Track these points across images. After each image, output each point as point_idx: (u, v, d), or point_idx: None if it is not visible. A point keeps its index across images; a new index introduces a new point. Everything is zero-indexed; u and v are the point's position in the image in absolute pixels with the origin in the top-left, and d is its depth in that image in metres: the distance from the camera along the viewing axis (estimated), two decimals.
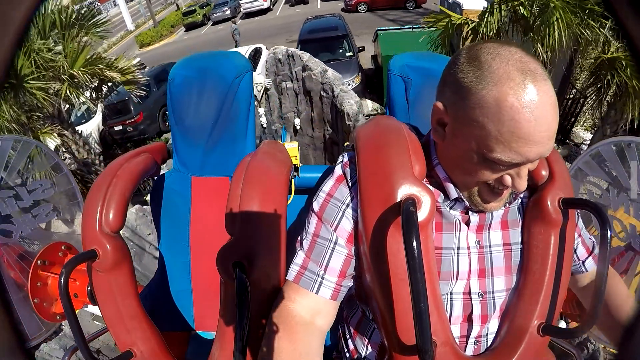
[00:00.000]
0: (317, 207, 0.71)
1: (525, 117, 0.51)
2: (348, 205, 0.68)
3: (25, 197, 1.44)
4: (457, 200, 0.66)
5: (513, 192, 0.65)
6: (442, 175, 0.67)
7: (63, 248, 1.38)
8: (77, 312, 0.90)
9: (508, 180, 0.58)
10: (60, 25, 4.26)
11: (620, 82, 3.87)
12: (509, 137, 0.52)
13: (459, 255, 0.68)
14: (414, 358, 0.57)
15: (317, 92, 5.84)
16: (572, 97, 5.86)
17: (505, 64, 0.52)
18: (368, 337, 0.77)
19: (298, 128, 6.35)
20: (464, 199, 0.65)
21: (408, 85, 1.11)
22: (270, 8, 20.68)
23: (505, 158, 0.54)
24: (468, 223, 0.68)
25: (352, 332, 0.81)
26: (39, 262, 1.29)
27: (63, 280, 0.75)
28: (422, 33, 5.86)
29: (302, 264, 0.69)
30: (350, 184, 0.69)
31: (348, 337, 0.83)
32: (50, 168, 1.56)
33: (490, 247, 0.69)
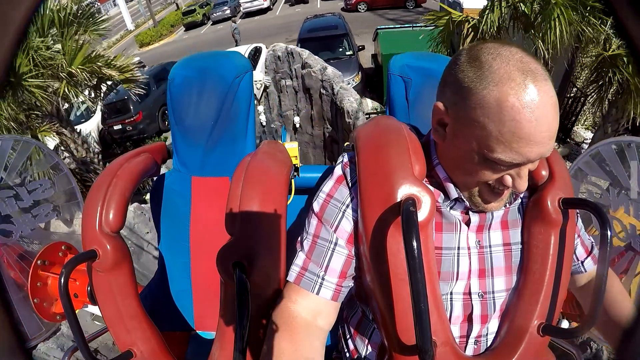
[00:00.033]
0: (317, 207, 0.71)
1: (526, 117, 0.51)
2: (348, 206, 0.68)
3: (25, 197, 1.44)
4: (457, 201, 0.66)
5: (513, 192, 0.65)
6: (442, 175, 0.67)
7: (63, 248, 1.38)
8: (77, 312, 0.90)
9: (508, 181, 0.58)
10: (59, 23, 4.23)
11: (622, 79, 3.83)
12: (510, 137, 0.52)
13: (459, 256, 0.68)
14: (414, 358, 0.57)
15: (316, 89, 5.77)
16: (572, 95, 5.84)
17: (506, 64, 0.52)
18: (368, 337, 0.77)
19: (297, 126, 6.31)
20: (464, 199, 0.65)
21: (408, 85, 1.11)
22: (270, 7, 20.67)
23: (506, 158, 0.54)
24: (468, 223, 0.68)
25: (352, 332, 0.81)
26: (39, 262, 1.29)
27: (63, 280, 0.75)
28: (422, 31, 5.83)
29: (302, 265, 0.69)
30: (350, 184, 0.69)
31: (348, 337, 0.83)
32: (50, 168, 1.56)
33: (491, 247, 0.69)
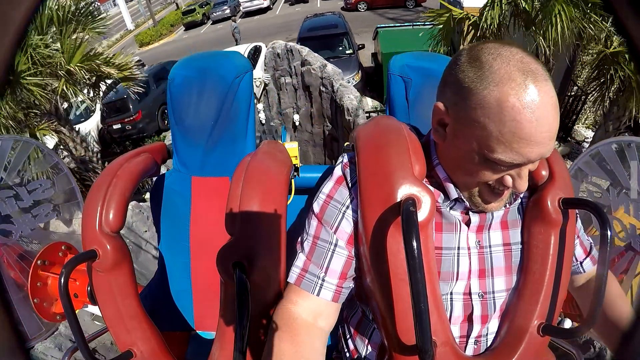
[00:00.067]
0: (317, 208, 0.71)
1: (527, 117, 0.50)
2: (348, 207, 0.68)
3: (25, 197, 1.44)
4: (457, 201, 0.66)
5: (513, 192, 0.65)
6: (442, 176, 0.66)
7: (63, 248, 1.38)
8: (77, 312, 0.90)
9: (509, 181, 0.58)
10: (58, 22, 4.20)
11: (624, 76, 3.79)
12: (510, 137, 0.52)
13: (459, 256, 0.68)
14: (414, 358, 0.57)
15: (316, 87, 5.73)
16: (573, 94, 5.82)
17: (507, 65, 0.52)
18: (368, 337, 0.77)
19: (297, 124, 6.28)
20: (464, 200, 0.65)
21: (408, 85, 1.11)
22: (270, 7, 20.66)
23: (506, 159, 0.54)
24: (468, 223, 0.68)
25: (352, 332, 0.82)
26: (39, 262, 1.29)
27: (63, 280, 0.75)
28: (422, 30, 5.79)
29: (302, 267, 0.69)
30: (350, 185, 0.69)
31: (348, 337, 0.83)
32: (50, 168, 1.56)
33: (490, 247, 0.69)
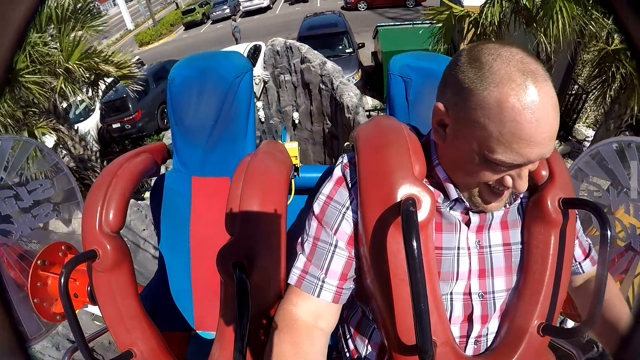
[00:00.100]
0: (317, 209, 0.71)
1: (527, 118, 0.50)
2: (348, 208, 0.68)
3: (25, 197, 1.44)
4: (457, 201, 0.66)
5: (513, 192, 0.65)
6: (442, 176, 0.66)
7: (63, 248, 1.38)
8: (77, 312, 0.90)
9: (509, 181, 0.58)
10: (57, 20, 4.19)
11: (626, 73, 3.76)
12: (510, 138, 0.52)
13: (459, 256, 0.68)
14: (414, 358, 0.57)
15: (316, 84, 5.70)
16: (574, 93, 5.81)
17: (507, 65, 0.52)
18: (368, 337, 0.77)
19: (297, 122, 6.24)
20: (464, 200, 0.65)
21: (408, 85, 1.11)
22: (270, 6, 20.65)
23: (507, 159, 0.54)
24: (468, 223, 0.68)
25: (352, 332, 0.82)
26: (39, 262, 1.29)
27: (63, 280, 0.75)
28: (422, 28, 5.77)
29: (303, 268, 0.69)
30: (350, 185, 0.69)
31: (348, 337, 0.83)
32: (50, 168, 1.55)
33: (490, 247, 0.69)
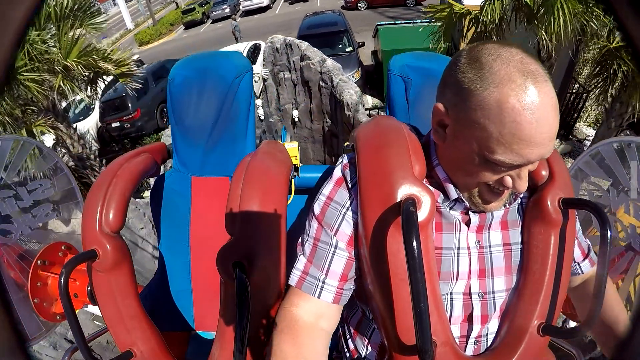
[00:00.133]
0: (317, 210, 0.71)
1: (527, 118, 0.50)
2: (348, 209, 0.68)
3: (25, 197, 1.44)
4: (457, 201, 0.66)
5: (513, 192, 0.65)
6: (442, 176, 0.66)
7: (63, 248, 1.38)
8: (77, 312, 0.90)
9: (509, 182, 0.58)
10: (55, 17, 4.17)
11: (627, 71, 3.75)
12: (510, 138, 0.52)
13: (459, 256, 0.68)
14: (414, 358, 0.57)
15: (315, 82, 5.66)
16: (574, 91, 5.80)
17: (507, 66, 0.52)
18: (368, 337, 0.77)
19: (296, 120, 6.20)
20: (464, 200, 0.65)
21: (408, 85, 1.11)
22: (270, 6, 20.64)
23: (507, 159, 0.54)
24: (468, 223, 0.68)
25: (352, 332, 0.82)
26: (39, 262, 1.29)
27: (63, 280, 0.75)
28: (422, 27, 5.76)
29: (303, 269, 0.69)
30: (350, 186, 0.69)
31: (348, 337, 0.83)
32: (50, 168, 1.56)
33: (490, 247, 0.69)
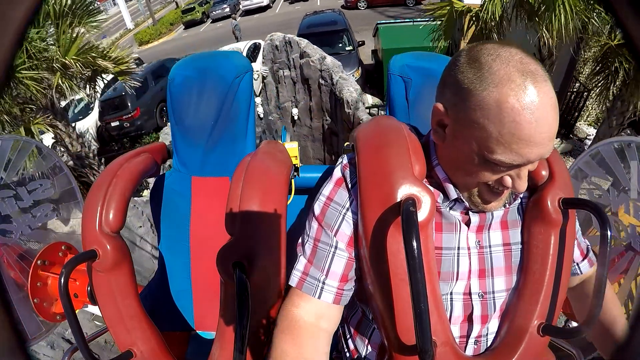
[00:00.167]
0: (317, 210, 0.71)
1: (526, 118, 0.50)
2: (348, 209, 0.68)
3: (25, 197, 1.44)
4: (456, 201, 0.66)
5: (513, 192, 0.65)
6: (441, 176, 0.67)
7: (63, 248, 1.38)
8: (77, 312, 0.90)
9: (508, 182, 0.58)
10: (54, 15, 4.16)
11: (629, 69, 3.70)
12: (510, 138, 0.52)
13: (459, 256, 0.68)
14: (414, 358, 0.57)
15: (315, 79, 5.61)
16: (575, 90, 5.78)
17: (506, 65, 0.52)
18: (368, 337, 0.77)
19: (296, 118, 6.16)
20: (464, 200, 0.65)
21: (408, 85, 1.11)
22: (270, 5, 20.65)
23: (506, 159, 0.54)
24: (468, 223, 0.68)
25: (352, 332, 0.82)
26: (39, 262, 1.29)
27: (63, 280, 0.75)
28: (422, 25, 5.73)
29: (303, 270, 0.69)
30: (350, 186, 0.69)
31: (348, 337, 0.83)
32: (50, 168, 1.56)
33: (490, 247, 0.69)
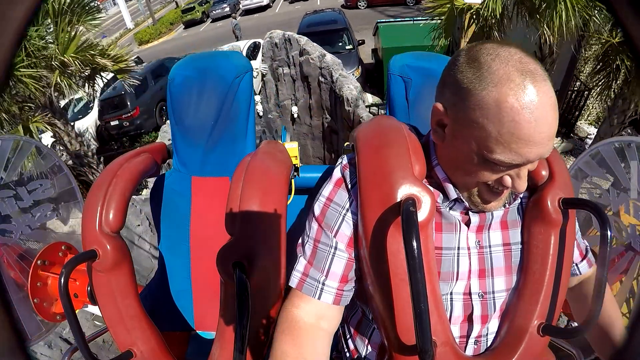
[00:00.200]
0: (317, 211, 0.71)
1: (525, 118, 0.50)
2: (348, 210, 0.68)
3: (25, 197, 1.44)
4: (456, 201, 0.66)
5: (513, 192, 0.65)
6: (441, 176, 0.66)
7: (63, 248, 1.38)
8: (77, 312, 0.90)
9: (508, 181, 0.58)
10: (53, 13, 4.16)
11: (630, 66, 3.69)
12: (509, 138, 0.52)
13: (459, 256, 0.68)
14: (414, 358, 0.57)
15: (315, 77, 5.59)
16: (576, 89, 5.78)
17: (505, 65, 0.52)
18: (368, 337, 0.77)
19: (295, 117, 6.14)
20: (464, 200, 0.65)
21: (408, 85, 1.11)
22: (270, 5, 20.64)
23: (506, 159, 0.54)
24: (468, 223, 0.68)
25: (352, 332, 0.82)
26: (39, 262, 1.29)
27: (63, 280, 0.75)
28: (422, 23, 5.72)
29: (303, 271, 0.69)
30: (350, 187, 0.69)
31: (348, 337, 0.83)
32: (50, 168, 1.56)
33: (490, 247, 0.69)
